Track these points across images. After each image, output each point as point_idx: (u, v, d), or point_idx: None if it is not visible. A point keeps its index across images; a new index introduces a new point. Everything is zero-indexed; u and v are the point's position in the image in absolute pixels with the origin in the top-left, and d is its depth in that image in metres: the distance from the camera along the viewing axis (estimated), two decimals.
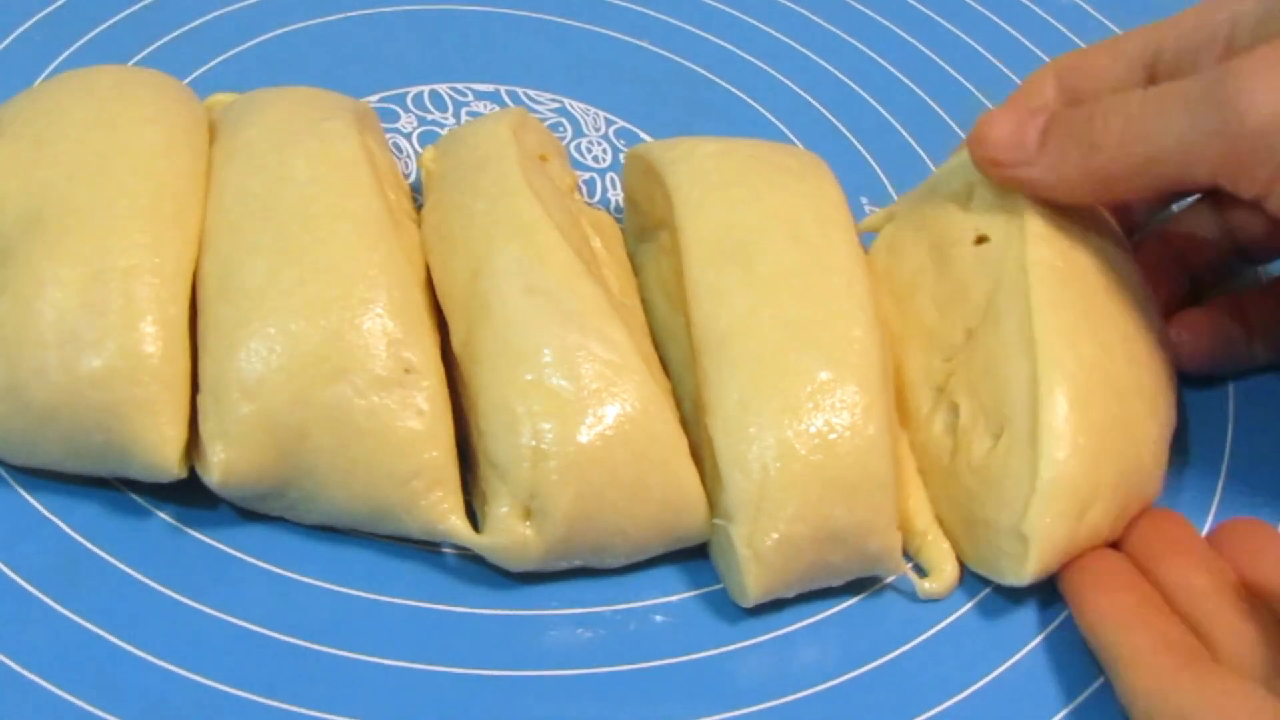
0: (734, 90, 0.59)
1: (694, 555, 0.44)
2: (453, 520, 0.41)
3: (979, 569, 0.44)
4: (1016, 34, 0.64)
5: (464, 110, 0.56)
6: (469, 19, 0.60)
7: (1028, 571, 0.42)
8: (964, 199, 0.47)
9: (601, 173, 0.55)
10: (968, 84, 0.61)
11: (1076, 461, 0.41)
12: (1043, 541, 0.41)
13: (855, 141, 0.58)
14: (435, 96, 0.56)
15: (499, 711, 0.40)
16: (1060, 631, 0.44)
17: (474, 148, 0.47)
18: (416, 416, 0.41)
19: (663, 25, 0.61)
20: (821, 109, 0.59)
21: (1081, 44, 0.64)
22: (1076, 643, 0.44)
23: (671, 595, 0.43)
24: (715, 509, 0.42)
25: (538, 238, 0.43)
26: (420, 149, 0.53)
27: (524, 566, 0.42)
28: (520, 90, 0.57)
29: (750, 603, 0.42)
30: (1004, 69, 0.62)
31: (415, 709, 0.40)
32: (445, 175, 0.47)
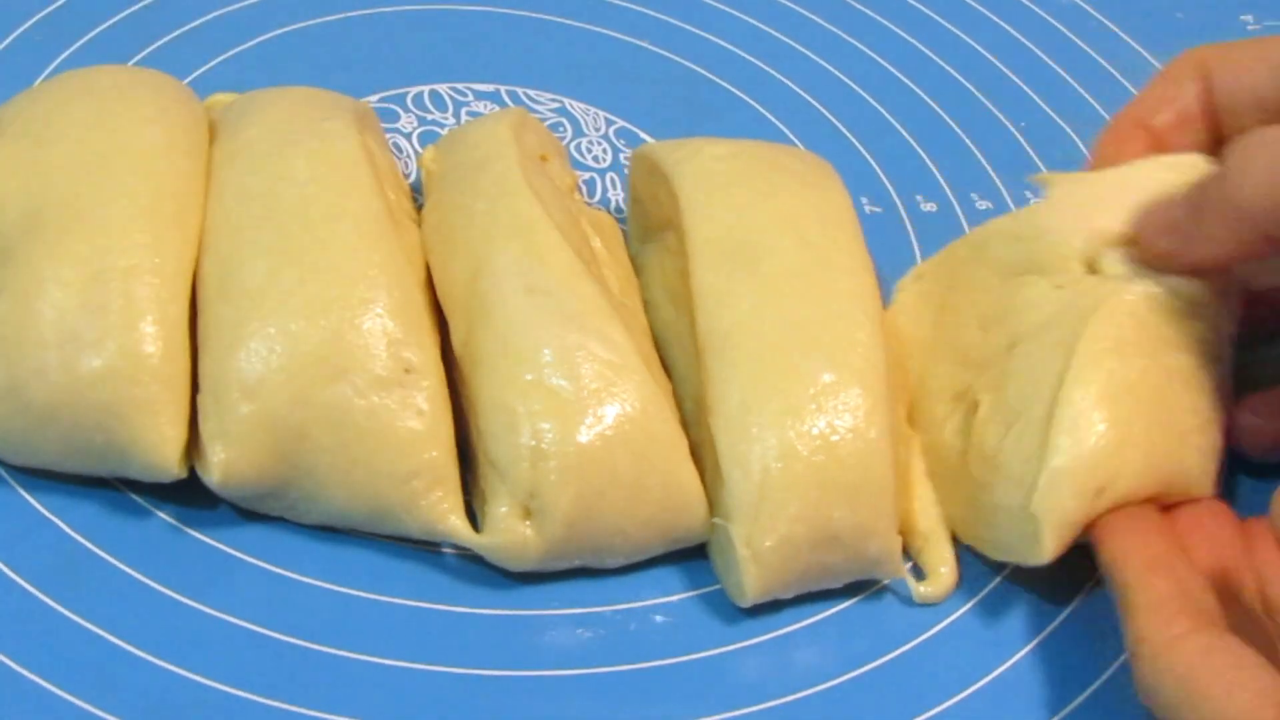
0: (734, 90, 0.59)
1: (694, 555, 0.44)
2: (452, 520, 0.41)
3: (1002, 557, 0.44)
4: (1016, 34, 0.64)
5: (464, 110, 0.56)
6: (469, 19, 0.60)
7: (1045, 550, 0.41)
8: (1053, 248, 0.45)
9: (601, 173, 0.55)
10: (968, 84, 0.61)
11: (1091, 444, 0.40)
12: (1053, 518, 0.40)
13: (855, 141, 0.58)
14: (435, 96, 0.56)
15: (499, 711, 0.40)
16: (1060, 632, 0.44)
17: (474, 148, 0.47)
18: (416, 416, 0.41)
19: (663, 25, 0.61)
20: (821, 109, 0.59)
21: (1081, 44, 0.64)
22: (1076, 643, 0.44)
23: (671, 595, 0.43)
24: (715, 509, 0.42)
25: (538, 238, 0.43)
26: (420, 149, 0.53)
27: (524, 566, 0.42)
28: (520, 90, 0.57)
29: (748, 603, 0.42)
30: (1004, 69, 0.62)
31: (415, 709, 0.40)
32: (445, 175, 0.47)
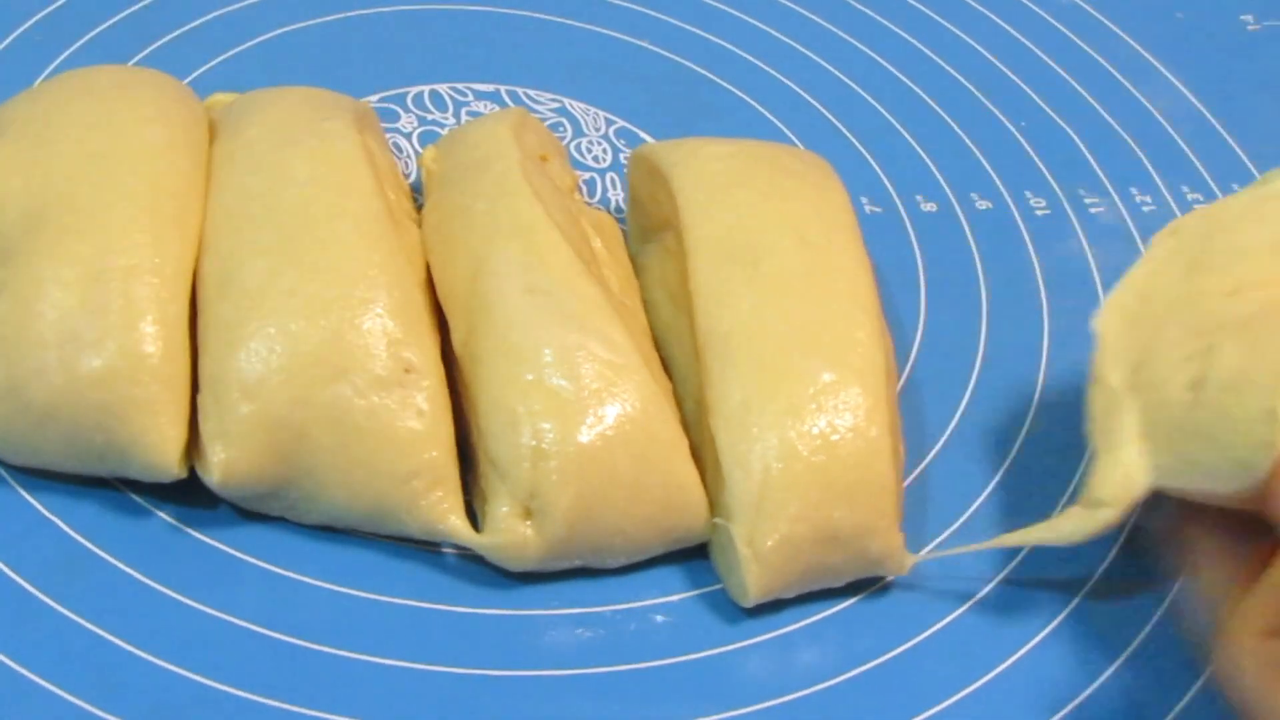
0: (734, 90, 0.59)
1: (694, 555, 0.44)
2: (453, 520, 0.41)
3: (1205, 482, 0.40)
4: (1016, 34, 0.64)
5: (464, 110, 0.56)
6: (469, 19, 0.60)
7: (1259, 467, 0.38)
8: None
9: (601, 173, 0.55)
10: (968, 84, 0.61)
11: None
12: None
13: (855, 141, 0.58)
14: (435, 96, 0.56)
15: (499, 711, 0.40)
16: (1059, 631, 0.44)
17: (474, 147, 0.47)
18: (416, 416, 0.41)
19: (663, 25, 0.61)
20: (821, 109, 0.59)
21: (1081, 44, 0.64)
22: (1075, 643, 0.44)
23: (671, 595, 0.43)
24: (716, 509, 0.42)
25: (538, 238, 0.43)
26: (420, 149, 0.53)
27: (524, 566, 0.42)
28: (520, 90, 0.57)
29: (750, 603, 0.42)
30: (1004, 69, 0.62)
31: (415, 709, 0.40)
32: (445, 175, 0.47)
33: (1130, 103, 0.62)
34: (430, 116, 0.56)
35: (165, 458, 0.40)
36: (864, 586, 0.44)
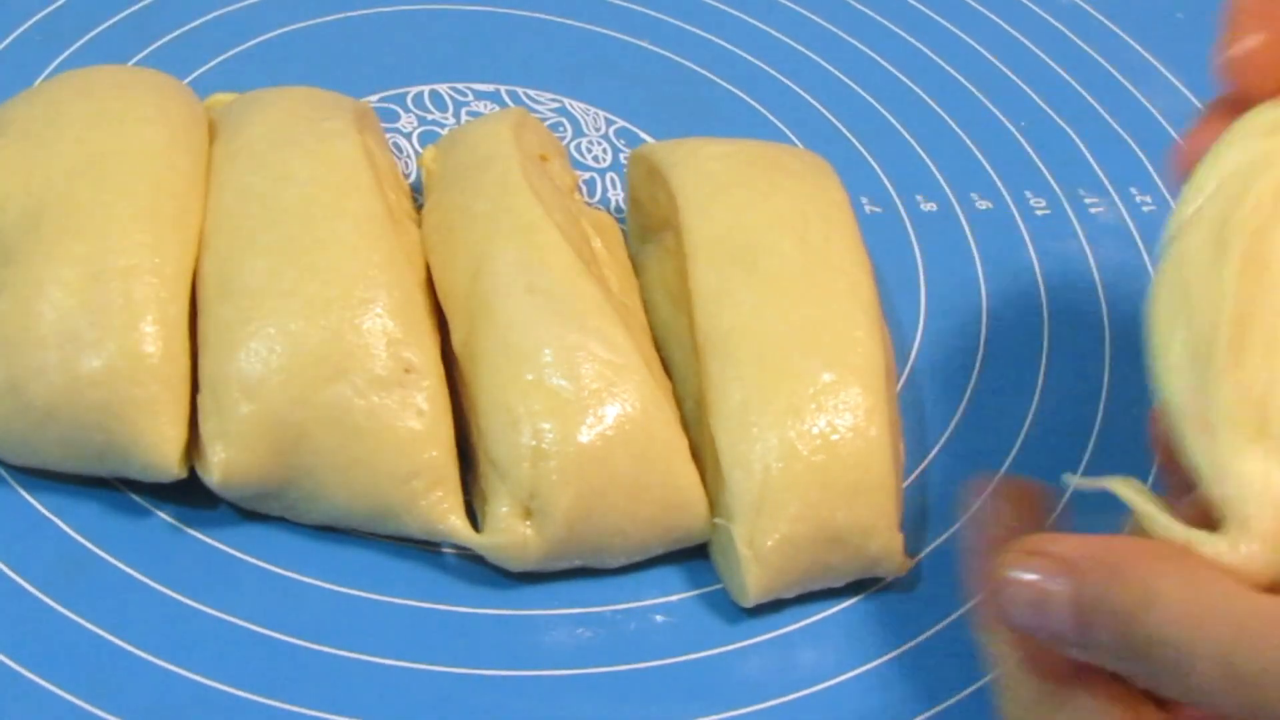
0: (734, 90, 0.59)
1: (694, 555, 0.44)
2: (453, 520, 0.41)
3: None
4: (1016, 34, 0.64)
5: (464, 110, 0.56)
6: (469, 19, 0.60)
7: None
8: None
9: (601, 173, 0.55)
10: (968, 84, 0.61)
11: None
12: None
13: (855, 141, 0.58)
14: (435, 96, 0.56)
15: (499, 711, 0.40)
16: None
17: (474, 147, 0.47)
18: (416, 416, 0.41)
19: (663, 25, 0.61)
20: (821, 109, 0.59)
21: (1082, 44, 0.64)
22: None
23: (672, 595, 0.43)
24: (716, 509, 0.42)
25: (538, 238, 0.43)
26: (420, 149, 0.53)
27: (524, 566, 0.42)
28: (520, 90, 0.57)
29: (750, 602, 0.42)
30: (1004, 69, 0.62)
31: (415, 709, 0.40)
32: (445, 175, 0.47)
33: (1130, 103, 0.62)
34: (430, 116, 0.56)
35: (165, 458, 0.40)
36: (864, 586, 0.44)
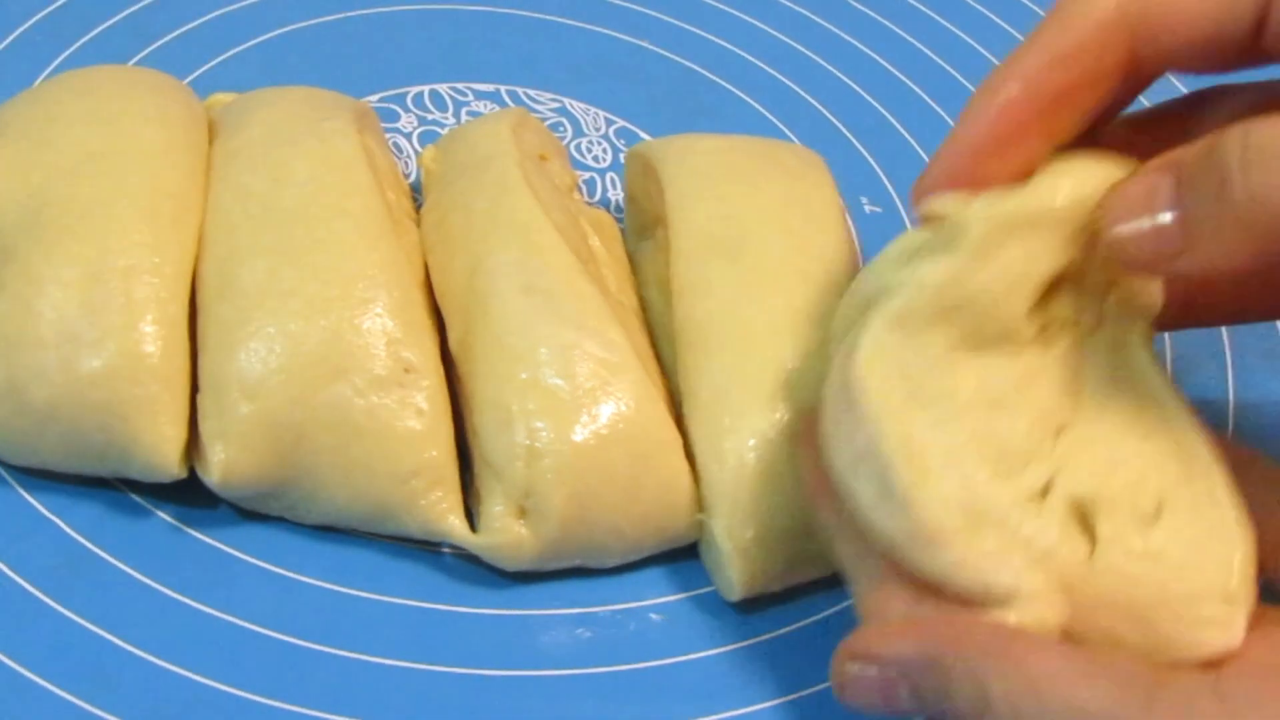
0: (734, 90, 0.59)
1: (693, 555, 0.44)
2: (452, 520, 0.41)
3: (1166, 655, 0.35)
4: (1017, 34, 0.64)
5: (464, 110, 0.56)
6: (469, 19, 0.60)
7: (1237, 629, 0.34)
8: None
9: (601, 173, 0.55)
10: (968, 84, 0.61)
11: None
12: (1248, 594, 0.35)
13: (855, 141, 0.58)
14: (435, 96, 0.56)
15: (499, 711, 0.40)
16: None
17: (474, 147, 0.47)
18: (416, 416, 0.41)
19: (663, 25, 0.61)
20: (821, 109, 0.59)
21: None
22: None
23: (671, 595, 0.43)
24: (700, 504, 0.42)
25: (536, 237, 0.43)
26: (420, 149, 0.53)
27: (519, 565, 0.42)
28: (520, 90, 0.57)
29: (737, 597, 0.42)
30: None
31: (415, 709, 0.40)
32: (445, 175, 0.47)
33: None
34: (430, 116, 0.56)
35: (165, 458, 0.40)
36: None
